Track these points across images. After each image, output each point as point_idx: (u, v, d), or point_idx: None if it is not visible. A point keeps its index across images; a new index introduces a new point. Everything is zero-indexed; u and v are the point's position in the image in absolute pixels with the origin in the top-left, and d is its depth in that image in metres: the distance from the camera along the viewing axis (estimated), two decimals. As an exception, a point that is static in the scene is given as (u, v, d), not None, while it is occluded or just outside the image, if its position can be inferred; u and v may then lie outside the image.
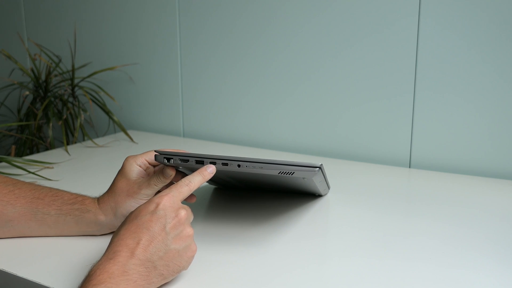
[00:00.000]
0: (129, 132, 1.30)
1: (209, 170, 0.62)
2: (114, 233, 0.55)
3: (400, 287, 0.56)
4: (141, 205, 0.57)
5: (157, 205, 0.55)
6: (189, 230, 0.56)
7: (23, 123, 1.28)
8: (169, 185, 0.71)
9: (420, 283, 0.57)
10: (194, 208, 0.74)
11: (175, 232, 0.55)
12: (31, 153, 1.30)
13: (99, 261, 0.52)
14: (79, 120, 1.25)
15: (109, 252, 0.52)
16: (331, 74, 1.07)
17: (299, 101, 1.13)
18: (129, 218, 0.56)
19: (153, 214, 0.55)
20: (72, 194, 0.69)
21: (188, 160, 0.63)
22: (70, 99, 1.33)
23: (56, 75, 1.34)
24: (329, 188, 0.84)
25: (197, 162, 0.62)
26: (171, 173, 0.65)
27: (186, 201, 0.68)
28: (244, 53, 1.17)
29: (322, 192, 0.81)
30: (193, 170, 0.68)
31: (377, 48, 1.01)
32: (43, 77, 1.38)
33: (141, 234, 0.53)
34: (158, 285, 0.55)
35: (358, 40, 1.03)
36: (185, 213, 0.56)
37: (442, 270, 0.59)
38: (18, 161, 0.99)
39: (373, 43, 1.02)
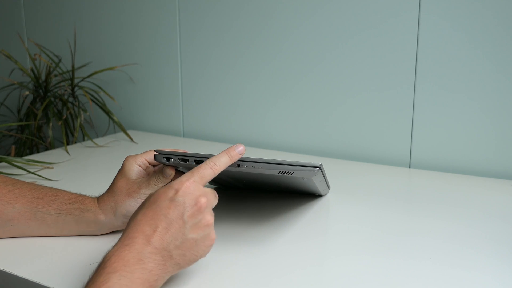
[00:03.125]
0: (129, 132, 1.30)
1: (238, 150, 0.58)
2: (131, 217, 0.54)
3: (401, 286, 0.56)
4: (160, 189, 0.54)
5: (177, 191, 0.53)
6: (209, 219, 0.53)
7: (23, 123, 1.28)
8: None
9: (420, 282, 0.57)
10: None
11: (194, 221, 0.52)
12: (31, 153, 1.30)
13: (114, 246, 0.51)
14: (79, 120, 1.25)
15: (125, 238, 0.51)
16: (331, 74, 1.07)
17: (299, 101, 1.13)
18: (147, 203, 0.54)
19: (172, 201, 0.52)
20: (71, 193, 0.69)
21: (187, 160, 0.63)
22: (70, 99, 1.33)
23: (56, 75, 1.34)
24: (329, 188, 0.84)
25: (197, 162, 0.62)
26: (171, 172, 0.65)
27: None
28: (244, 53, 1.17)
29: (322, 192, 0.81)
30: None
31: (377, 48, 1.01)
32: (43, 77, 1.38)
33: (158, 221, 0.51)
34: (174, 273, 0.53)
35: (358, 39, 1.03)
36: (205, 200, 0.53)
37: (442, 270, 0.59)
38: (18, 161, 0.99)
39: (373, 43, 1.02)
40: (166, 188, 0.54)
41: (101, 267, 0.49)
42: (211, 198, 0.55)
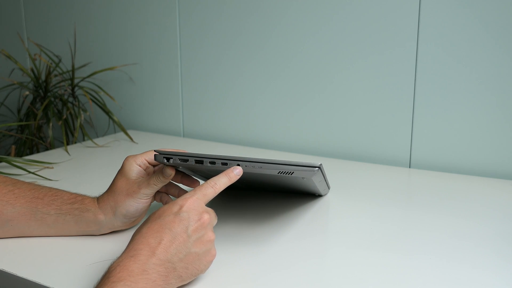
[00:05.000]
0: (129, 132, 1.30)
1: (236, 172, 0.61)
2: (136, 230, 0.55)
3: (401, 285, 0.56)
4: (164, 206, 0.57)
5: (181, 207, 0.55)
6: (210, 235, 0.56)
7: (23, 123, 1.28)
8: (168, 185, 0.71)
9: (420, 281, 0.57)
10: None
11: (197, 235, 0.55)
12: (31, 153, 1.30)
13: (119, 257, 0.52)
14: (79, 120, 1.25)
15: (130, 250, 0.52)
16: (331, 74, 1.07)
17: (299, 101, 1.13)
18: (152, 217, 0.56)
19: (176, 215, 0.55)
20: (71, 193, 0.69)
21: (187, 160, 0.63)
22: (70, 99, 1.33)
23: (56, 75, 1.34)
24: (329, 188, 0.84)
25: (197, 162, 0.62)
26: (171, 172, 0.65)
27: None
28: (244, 53, 1.17)
29: (322, 192, 0.81)
30: (192, 169, 0.68)
31: (377, 48, 1.01)
32: (43, 77, 1.38)
33: (163, 234, 0.53)
34: (175, 287, 0.54)
35: (358, 40, 1.03)
36: (208, 217, 0.56)
37: (442, 268, 0.59)
38: (18, 161, 0.99)
39: (373, 43, 1.02)
40: (171, 204, 0.56)
41: (106, 277, 0.50)
42: (213, 216, 0.58)
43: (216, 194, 0.59)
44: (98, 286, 0.50)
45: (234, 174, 0.61)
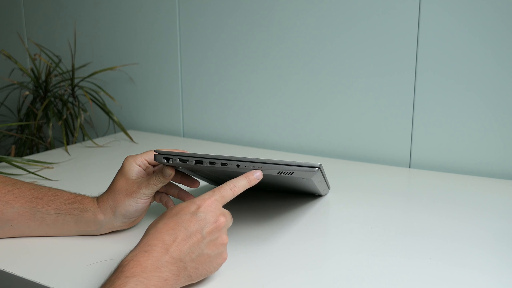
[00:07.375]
0: (129, 132, 1.30)
1: (256, 176, 0.61)
2: (151, 225, 0.55)
3: (401, 285, 0.56)
4: (182, 203, 0.57)
5: (199, 207, 0.55)
6: (224, 238, 0.56)
7: (23, 123, 1.28)
8: (168, 186, 0.71)
9: (421, 281, 0.57)
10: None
11: (211, 237, 0.55)
12: (31, 153, 1.30)
13: (133, 251, 0.52)
14: (79, 120, 1.25)
15: (144, 244, 0.53)
16: (331, 74, 1.07)
17: (299, 102, 1.13)
18: (168, 214, 0.56)
19: (193, 215, 0.55)
20: (71, 193, 0.69)
21: (187, 160, 0.63)
22: (70, 99, 1.33)
23: (56, 75, 1.34)
24: (329, 188, 0.84)
25: (196, 162, 0.62)
26: (171, 172, 0.65)
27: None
28: (244, 53, 1.17)
29: (322, 192, 0.81)
30: (192, 170, 0.68)
31: (377, 48, 1.01)
32: (43, 77, 1.38)
33: (178, 232, 0.53)
34: (184, 285, 0.55)
35: (358, 39, 1.03)
36: (224, 220, 0.56)
37: (442, 269, 0.59)
38: (18, 161, 0.99)
39: (373, 42, 1.02)
40: (189, 202, 0.56)
41: (119, 271, 0.50)
42: (229, 219, 0.58)
43: (234, 197, 0.59)
44: (111, 279, 0.50)
45: (254, 177, 0.61)
